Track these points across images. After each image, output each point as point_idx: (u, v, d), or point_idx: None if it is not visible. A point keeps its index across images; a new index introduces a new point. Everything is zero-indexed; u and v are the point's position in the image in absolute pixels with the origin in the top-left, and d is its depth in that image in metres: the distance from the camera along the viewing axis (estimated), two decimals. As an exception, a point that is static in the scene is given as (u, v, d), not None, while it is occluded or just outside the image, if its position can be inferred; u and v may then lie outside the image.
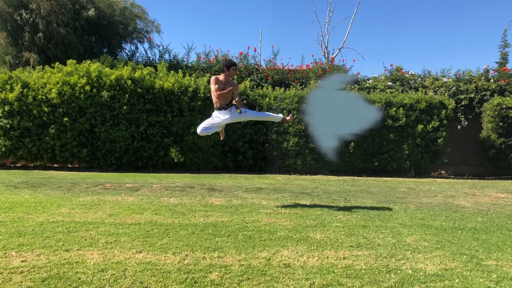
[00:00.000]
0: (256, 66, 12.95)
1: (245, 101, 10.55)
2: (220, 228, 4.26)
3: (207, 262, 3.17)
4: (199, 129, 5.74)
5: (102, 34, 12.68)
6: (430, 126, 10.84)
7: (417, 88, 12.46)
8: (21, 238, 3.68)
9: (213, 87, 5.54)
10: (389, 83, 12.66)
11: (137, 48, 13.55)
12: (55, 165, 10.89)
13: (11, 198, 5.73)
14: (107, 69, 10.10)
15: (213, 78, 5.61)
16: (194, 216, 4.83)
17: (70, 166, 10.99)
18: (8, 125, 9.90)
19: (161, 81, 10.24)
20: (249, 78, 11.93)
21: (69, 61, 10.37)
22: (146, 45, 14.03)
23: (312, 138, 10.56)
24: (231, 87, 5.57)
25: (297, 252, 3.49)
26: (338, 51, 16.34)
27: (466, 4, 37.64)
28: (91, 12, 11.58)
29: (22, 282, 2.69)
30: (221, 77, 5.65)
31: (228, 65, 5.63)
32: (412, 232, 4.33)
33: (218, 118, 5.67)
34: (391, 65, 13.40)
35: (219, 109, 5.62)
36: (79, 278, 2.77)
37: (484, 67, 13.17)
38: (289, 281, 2.84)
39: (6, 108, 9.85)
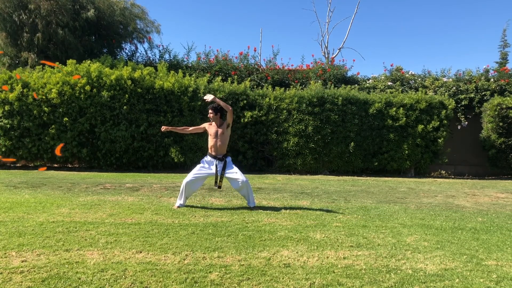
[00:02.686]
0: (256, 66, 12.95)
1: (245, 101, 10.56)
2: (220, 228, 4.26)
3: (207, 262, 3.17)
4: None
5: (102, 34, 12.69)
6: (430, 126, 10.84)
7: (417, 88, 12.46)
8: (21, 238, 3.68)
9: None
10: (389, 83, 12.67)
11: (137, 48, 13.57)
12: (55, 165, 10.88)
13: (11, 198, 5.72)
14: (107, 69, 10.10)
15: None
16: (194, 216, 4.83)
17: (70, 166, 10.99)
18: (8, 125, 9.90)
19: (161, 81, 10.24)
20: (249, 78, 11.93)
21: (69, 61, 10.37)
22: (146, 45, 14.07)
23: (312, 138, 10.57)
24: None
25: (297, 252, 3.48)
26: (338, 51, 16.37)
27: (466, 4, 37.66)
28: (91, 12, 11.58)
29: (22, 282, 2.69)
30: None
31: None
32: (412, 232, 4.32)
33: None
34: (391, 65, 13.42)
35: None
36: (79, 278, 2.77)
37: (484, 67, 13.18)
38: (289, 281, 2.84)
39: (6, 108, 9.85)
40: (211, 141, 5.50)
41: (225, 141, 5.48)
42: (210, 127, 5.57)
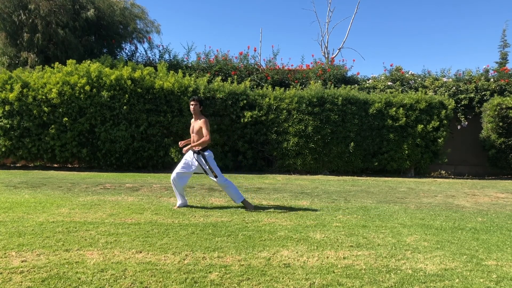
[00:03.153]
0: (256, 66, 12.95)
1: (245, 101, 10.57)
2: (220, 228, 4.26)
3: (207, 262, 3.17)
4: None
5: (102, 34, 12.69)
6: (430, 126, 10.84)
7: (417, 88, 12.46)
8: (21, 238, 3.68)
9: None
10: (389, 83, 12.66)
11: (137, 48, 13.58)
12: (55, 165, 10.88)
13: (11, 198, 5.72)
14: (107, 69, 10.10)
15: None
16: (194, 216, 4.83)
17: (70, 166, 10.99)
18: (8, 125, 9.90)
19: (161, 81, 10.24)
20: (249, 78, 11.93)
21: (69, 61, 10.37)
22: (146, 45, 14.05)
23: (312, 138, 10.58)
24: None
25: (297, 252, 3.48)
26: (338, 51, 16.37)
27: (466, 4, 37.67)
28: (91, 12, 11.58)
29: (22, 282, 2.69)
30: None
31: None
32: (412, 232, 4.32)
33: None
34: (391, 65, 13.43)
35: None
36: (79, 278, 2.77)
37: (484, 67, 13.18)
38: (289, 281, 2.84)
39: (6, 108, 9.85)
40: (191, 137, 5.55)
41: (202, 136, 5.40)
42: (191, 125, 5.62)
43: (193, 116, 5.58)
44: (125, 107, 9.97)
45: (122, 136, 10.02)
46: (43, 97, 9.86)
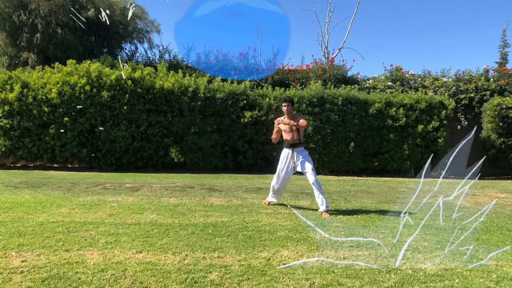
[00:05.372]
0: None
1: (245, 101, 10.57)
2: (220, 228, 4.26)
3: (207, 262, 3.17)
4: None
5: (102, 34, 12.69)
6: (430, 126, 10.84)
7: (417, 88, 12.46)
8: (21, 238, 3.68)
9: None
10: (389, 83, 12.66)
11: (137, 48, 13.58)
12: (55, 165, 10.88)
13: (11, 198, 5.72)
14: (107, 69, 10.10)
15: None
16: (194, 216, 4.83)
17: (70, 166, 10.99)
18: (8, 125, 9.90)
19: (161, 81, 10.24)
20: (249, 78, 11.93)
21: (69, 61, 10.36)
22: (146, 45, 14.05)
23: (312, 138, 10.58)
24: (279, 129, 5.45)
25: (297, 252, 3.48)
26: (338, 51, 16.37)
27: (466, 4, 37.68)
28: (91, 12, 11.58)
29: (22, 282, 2.69)
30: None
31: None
32: (412, 232, 4.32)
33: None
34: (391, 65, 13.42)
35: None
36: (79, 278, 2.77)
37: (484, 67, 13.18)
38: (289, 281, 2.84)
39: (6, 108, 9.85)
40: (287, 136, 5.44)
41: (301, 133, 5.50)
42: (284, 125, 5.45)
43: (286, 116, 5.46)
44: (125, 107, 9.96)
45: (122, 136, 10.01)
46: (43, 97, 9.85)
